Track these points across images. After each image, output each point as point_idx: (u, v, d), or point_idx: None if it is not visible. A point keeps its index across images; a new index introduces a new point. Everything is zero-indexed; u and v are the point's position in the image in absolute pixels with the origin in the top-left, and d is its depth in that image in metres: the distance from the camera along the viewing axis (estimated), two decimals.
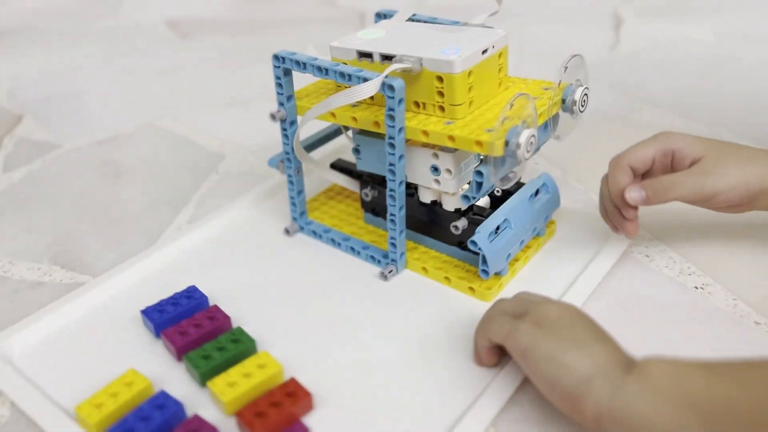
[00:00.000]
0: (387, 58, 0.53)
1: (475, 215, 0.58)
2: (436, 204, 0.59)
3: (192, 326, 0.53)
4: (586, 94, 0.56)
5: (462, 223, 0.57)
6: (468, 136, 0.50)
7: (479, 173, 0.52)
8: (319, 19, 1.33)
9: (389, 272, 0.59)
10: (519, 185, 0.60)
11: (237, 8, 1.43)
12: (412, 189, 0.60)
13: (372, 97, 0.55)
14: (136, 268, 0.62)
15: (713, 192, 0.54)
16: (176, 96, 1.02)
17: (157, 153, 0.86)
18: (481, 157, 0.53)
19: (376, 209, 0.64)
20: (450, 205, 0.57)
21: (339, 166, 0.68)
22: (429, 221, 0.60)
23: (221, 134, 0.90)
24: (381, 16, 0.64)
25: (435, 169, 0.55)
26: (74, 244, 0.69)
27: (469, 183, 0.56)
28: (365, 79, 0.50)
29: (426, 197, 0.58)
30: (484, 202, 0.60)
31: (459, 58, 0.50)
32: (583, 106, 0.56)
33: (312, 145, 0.69)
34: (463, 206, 0.56)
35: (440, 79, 0.51)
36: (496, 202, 0.60)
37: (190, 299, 0.56)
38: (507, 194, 0.60)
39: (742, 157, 0.54)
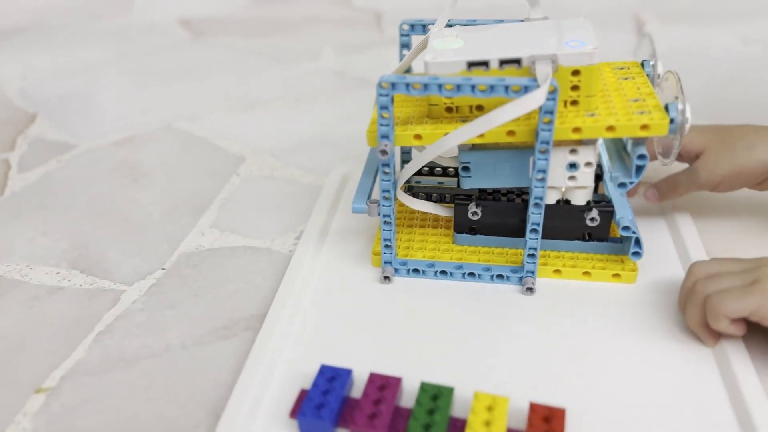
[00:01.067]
0: (506, 62, 0.51)
1: (597, 203, 0.58)
2: (559, 202, 0.57)
3: (371, 404, 0.46)
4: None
5: (595, 213, 0.57)
6: (629, 123, 0.50)
7: (642, 156, 0.52)
8: (334, 20, 1.31)
9: (533, 284, 0.57)
10: None
11: (250, 8, 1.41)
12: (512, 194, 0.60)
13: (481, 107, 0.53)
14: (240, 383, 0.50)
15: (709, 184, 0.60)
16: (192, 97, 1.00)
17: (175, 155, 0.84)
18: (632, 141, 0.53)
19: (475, 228, 0.61)
20: (581, 199, 0.57)
21: (416, 193, 0.66)
22: (545, 222, 0.58)
23: (240, 136, 0.88)
24: (410, 26, 0.61)
25: (572, 166, 0.54)
26: (93, 248, 0.67)
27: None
28: (507, 87, 0.48)
29: (551, 198, 0.57)
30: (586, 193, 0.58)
31: (596, 49, 0.50)
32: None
33: None
34: (617, 194, 0.58)
35: (576, 72, 0.50)
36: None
37: (336, 379, 0.48)
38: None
39: (741, 146, 0.58)
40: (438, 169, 0.66)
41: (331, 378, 0.48)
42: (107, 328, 0.57)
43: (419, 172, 0.67)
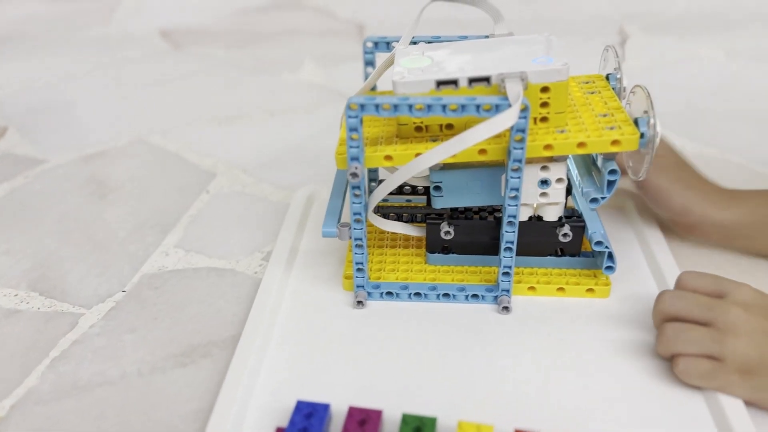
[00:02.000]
0: (475, 81, 0.49)
1: (568, 218, 0.57)
2: (531, 219, 0.57)
3: None
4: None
5: (567, 229, 0.57)
6: (599, 138, 0.49)
7: (613, 172, 0.51)
8: (316, 31, 1.30)
9: (509, 302, 0.56)
10: None
11: (233, 18, 1.39)
12: (485, 212, 0.59)
13: (451, 125, 0.52)
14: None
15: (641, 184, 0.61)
16: (168, 109, 0.99)
17: (146, 170, 0.82)
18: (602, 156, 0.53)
19: (448, 247, 0.60)
20: (553, 215, 0.56)
21: (386, 213, 0.64)
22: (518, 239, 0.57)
23: (213, 151, 0.86)
24: (374, 43, 0.60)
25: (543, 183, 0.54)
26: (55, 269, 0.65)
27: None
28: (478, 107, 0.47)
29: (523, 214, 0.56)
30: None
31: (564, 66, 0.49)
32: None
33: None
34: (588, 209, 0.58)
35: (545, 89, 0.50)
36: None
37: (314, 415, 0.45)
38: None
39: (685, 180, 0.61)
40: (407, 187, 0.65)
41: (309, 414, 0.46)
42: (62, 354, 0.55)
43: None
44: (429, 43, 0.57)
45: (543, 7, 1.39)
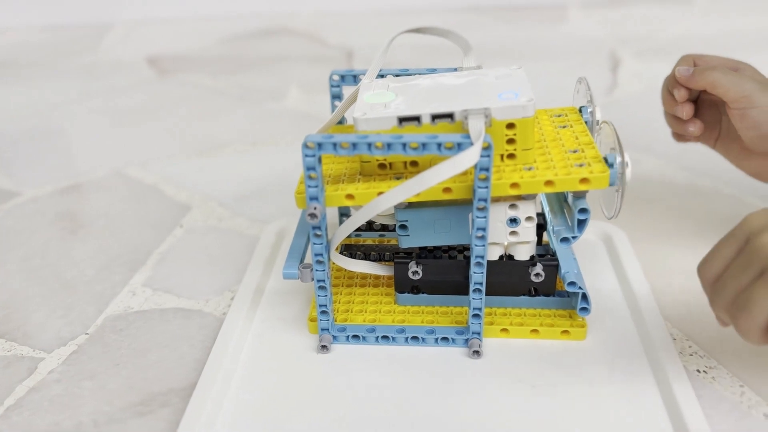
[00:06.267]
0: (438, 117, 0.48)
1: (541, 257, 0.55)
2: (502, 258, 0.55)
3: None
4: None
5: (539, 269, 0.54)
6: (567, 176, 0.48)
7: (584, 210, 0.49)
8: (305, 58, 1.29)
9: (479, 346, 0.54)
10: None
11: (222, 45, 1.38)
12: (454, 251, 0.56)
13: (416, 163, 0.50)
14: None
15: (743, 95, 0.57)
16: (149, 139, 0.97)
17: (120, 204, 0.80)
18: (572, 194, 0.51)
19: (418, 287, 0.57)
20: (524, 254, 0.54)
21: (353, 252, 0.62)
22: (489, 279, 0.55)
23: (191, 183, 0.84)
24: (340, 77, 0.59)
25: (512, 221, 0.52)
26: (18, 310, 0.63)
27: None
28: (439, 145, 0.45)
29: (493, 254, 0.54)
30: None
31: (530, 101, 0.47)
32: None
33: None
34: (558, 249, 0.55)
35: (510, 125, 0.48)
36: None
37: None
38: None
39: None
40: (377, 223, 0.62)
41: None
42: (18, 402, 0.53)
43: (357, 227, 0.64)
44: (396, 76, 0.55)
45: (533, 33, 1.37)
